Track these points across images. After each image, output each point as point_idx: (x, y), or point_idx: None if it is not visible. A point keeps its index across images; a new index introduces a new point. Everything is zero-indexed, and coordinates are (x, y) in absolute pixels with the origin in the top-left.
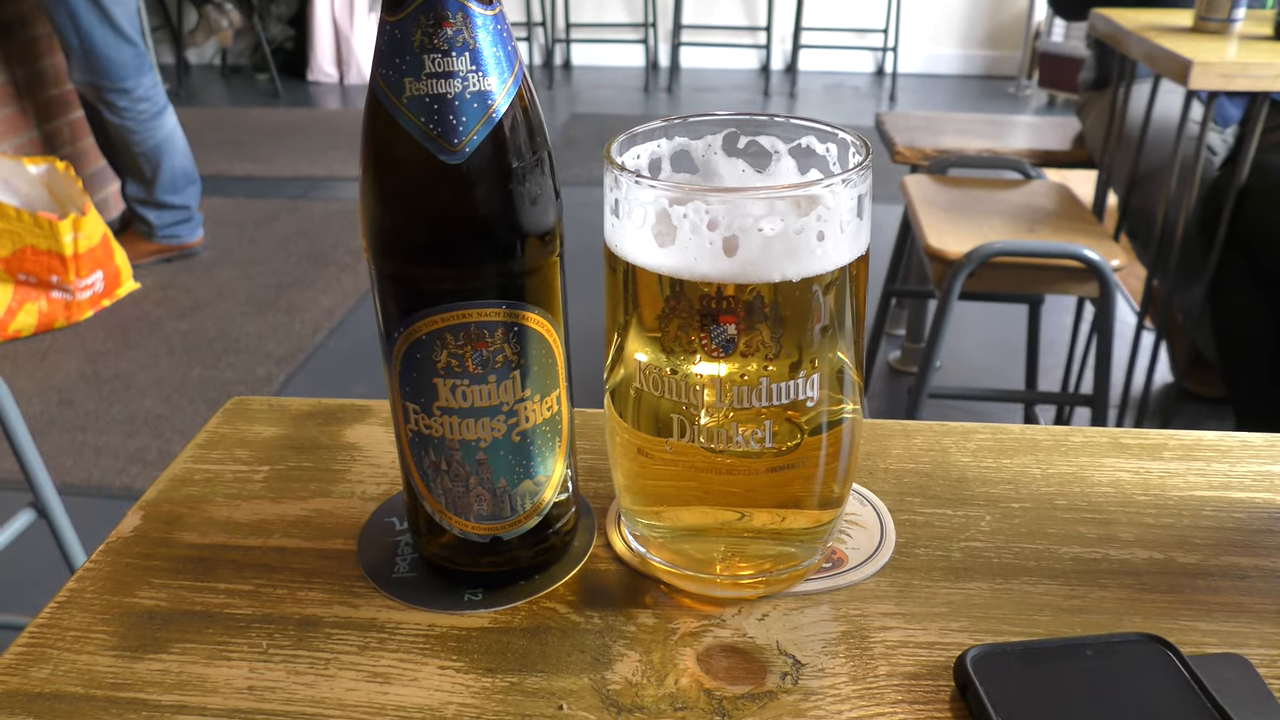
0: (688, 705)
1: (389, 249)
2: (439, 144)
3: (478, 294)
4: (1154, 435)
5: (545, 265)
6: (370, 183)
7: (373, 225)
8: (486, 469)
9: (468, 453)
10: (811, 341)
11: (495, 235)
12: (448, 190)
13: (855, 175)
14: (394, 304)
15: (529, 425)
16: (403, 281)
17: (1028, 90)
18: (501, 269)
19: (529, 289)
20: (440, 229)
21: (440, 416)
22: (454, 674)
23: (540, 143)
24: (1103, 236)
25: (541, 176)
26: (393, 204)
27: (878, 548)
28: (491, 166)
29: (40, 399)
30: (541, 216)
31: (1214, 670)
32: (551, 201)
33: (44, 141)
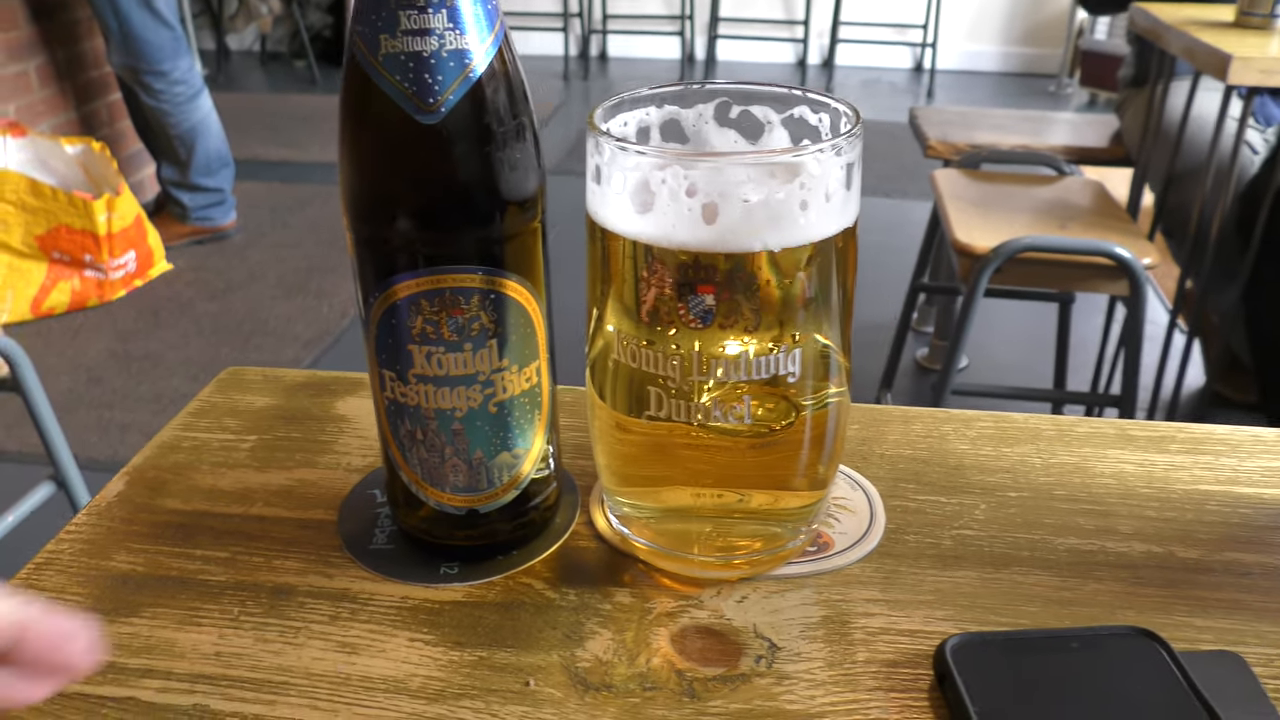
0: (657, 685)
1: (364, 211)
2: (414, 103)
3: (453, 259)
4: (1162, 427)
5: (524, 232)
6: (346, 143)
7: (348, 186)
8: (463, 439)
9: (443, 422)
10: (793, 315)
11: (471, 199)
12: (423, 151)
13: (843, 143)
14: (370, 268)
15: (506, 396)
16: (378, 245)
17: (1069, 89)
18: (478, 234)
19: (507, 256)
20: (415, 191)
21: (416, 384)
22: (423, 646)
23: (521, 107)
24: (1136, 234)
25: (521, 141)
26: (367, 165)
27: (865, 533)
28: (469, 128)
29: (70, 376)
30: (521, 182)
31: (1206, 667)
32: (532, 168)
33: (82, 123)
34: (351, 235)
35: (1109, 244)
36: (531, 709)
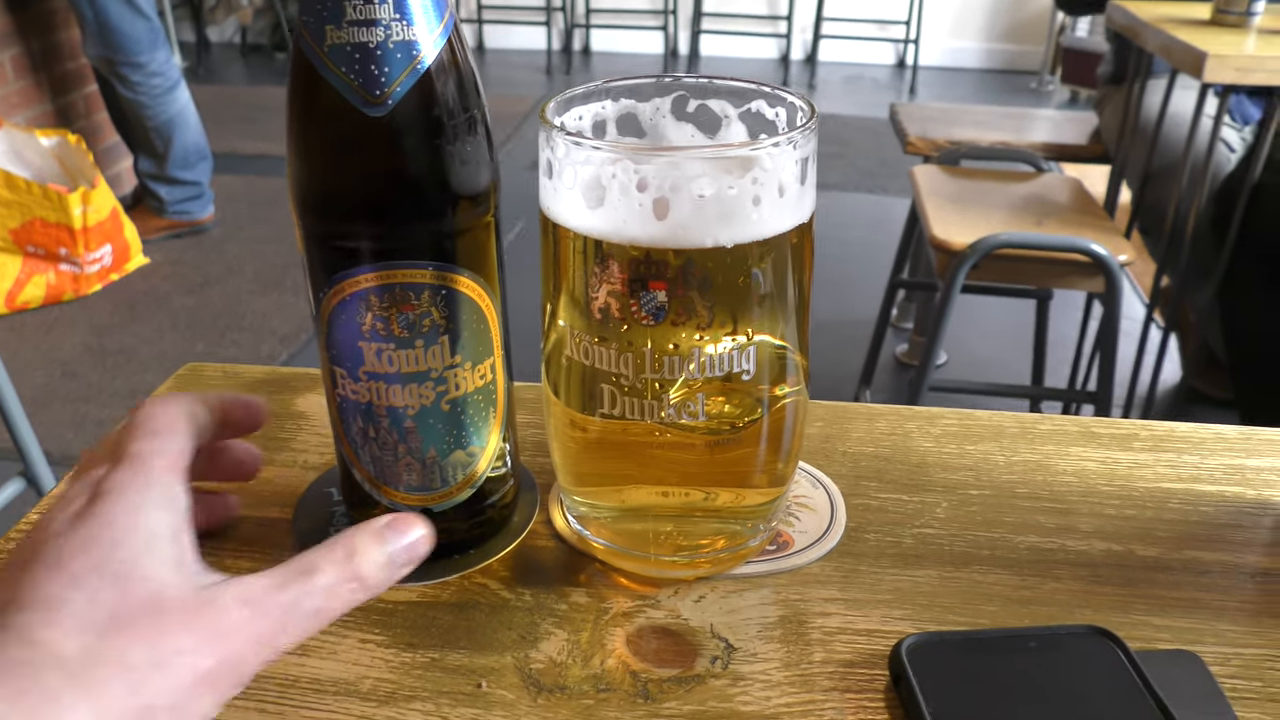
0: (611, 687)
1: (311, 205)
2: (361, 95)
3: (402, 254)
4: (1126, 425)
5: (476, 227)
6: (293, 136)
7: (295, 180)
8: (415, 437)
9: (395, 420)
10: (747, 312)
11: (420, 193)
12: (369, 144)
13: (798, 136)
14: (318, 263)
15: (460, 393)
16: (326, 239)
17: (1050, 86)
18: (427, 229)
19: (458, 251)
20: (362, 185)
21: (367, 381)
22: (374, 648)
23: (472, 99)
24: (1112, 231)
25: (472, 134)
26: (314, 158)
27: (825, 532)
28: (417, 121)
29: (44, 371)
30: (471, 176)
31: (1162, 667)
32: (484, 161)
33: (58, 115)
34: (300, 230)
35: (1085, 240)
36: (483, 711)
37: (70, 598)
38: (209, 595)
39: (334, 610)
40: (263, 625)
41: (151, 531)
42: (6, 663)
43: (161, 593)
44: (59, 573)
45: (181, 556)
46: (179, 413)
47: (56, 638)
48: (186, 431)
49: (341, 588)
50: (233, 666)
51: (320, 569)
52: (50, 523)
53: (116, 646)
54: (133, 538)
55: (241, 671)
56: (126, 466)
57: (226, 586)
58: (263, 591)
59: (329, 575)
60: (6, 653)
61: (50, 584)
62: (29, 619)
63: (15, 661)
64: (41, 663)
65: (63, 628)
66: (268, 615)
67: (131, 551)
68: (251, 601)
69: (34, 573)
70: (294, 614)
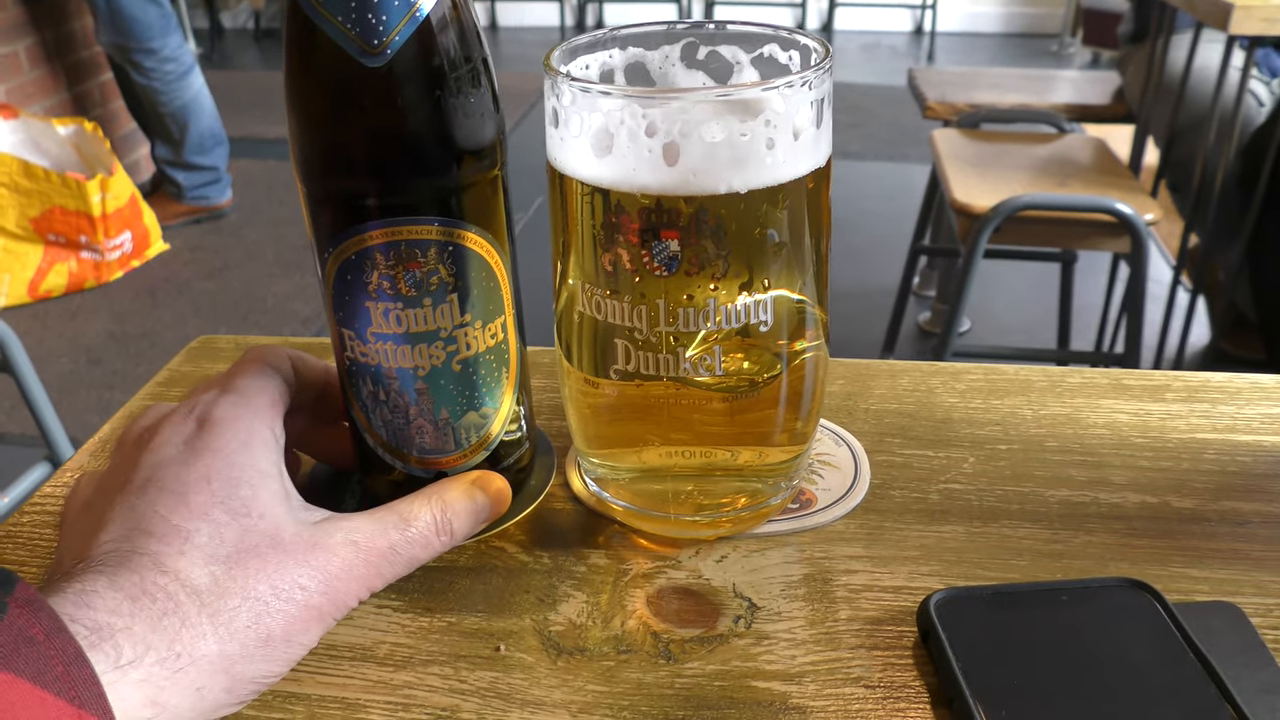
0: (632, 648)
1: (312, 163)
2: (358, 45)
3: (405, 210)
4: (1157, 376)
5: (482, 182)
6: (290, 91)
7: (295, 137)
8: (427, 399)
9: (406, 382)
10: (764, 261)
11: (423, 146)
12: (369, 97)
13: (812, 76)
14: (322, 222)
15: (471, 353)
16: (328, 198)
17: (1071, 48)
18: (431, 183)
19: (465, 206)
20: (363, 139)
21: (375, 343)
22: (391, 613)
23: (474, 49)
24: (1137, 191)
25: (474, 85)
26: (312, 113)
27: (849, 489)
28: (416, 71)
29: (69, 358)
30: (475, 128)
31: (1201, 619)
32: (488, 113)
33: (74, 103)
34: (302, 189)
35: (1110, 200)
36: (502, 674)
37: (196, 529)
38: (320, 534)
39: (422, 559)
40: (365, 568)
41: (261, 468)
42: (150, 587)
43: (278, 529)
44: (183, 505)
45: (287, 491)
46: (282, 355)
47: (186, 567)
48: (288, 373)
49: (434, 538)
50: (338, 603)
51: (417, 518)
52: (162, 445)
53: (240, 579)
54: (249, 474)
55: (343, 608)
56: (234, 397)
57: (334, 527)
58: (366, 536)
59: (424, 524)
60: (148, 577)
61: (175, 515)
62: (161, 548)
63: (157, 587)
64: (178, 591)
65: (191, 558)
66: (369, 559)
67: (249, 488)
68: (357, 544)
69: (155, 500)
70: (391, 559)
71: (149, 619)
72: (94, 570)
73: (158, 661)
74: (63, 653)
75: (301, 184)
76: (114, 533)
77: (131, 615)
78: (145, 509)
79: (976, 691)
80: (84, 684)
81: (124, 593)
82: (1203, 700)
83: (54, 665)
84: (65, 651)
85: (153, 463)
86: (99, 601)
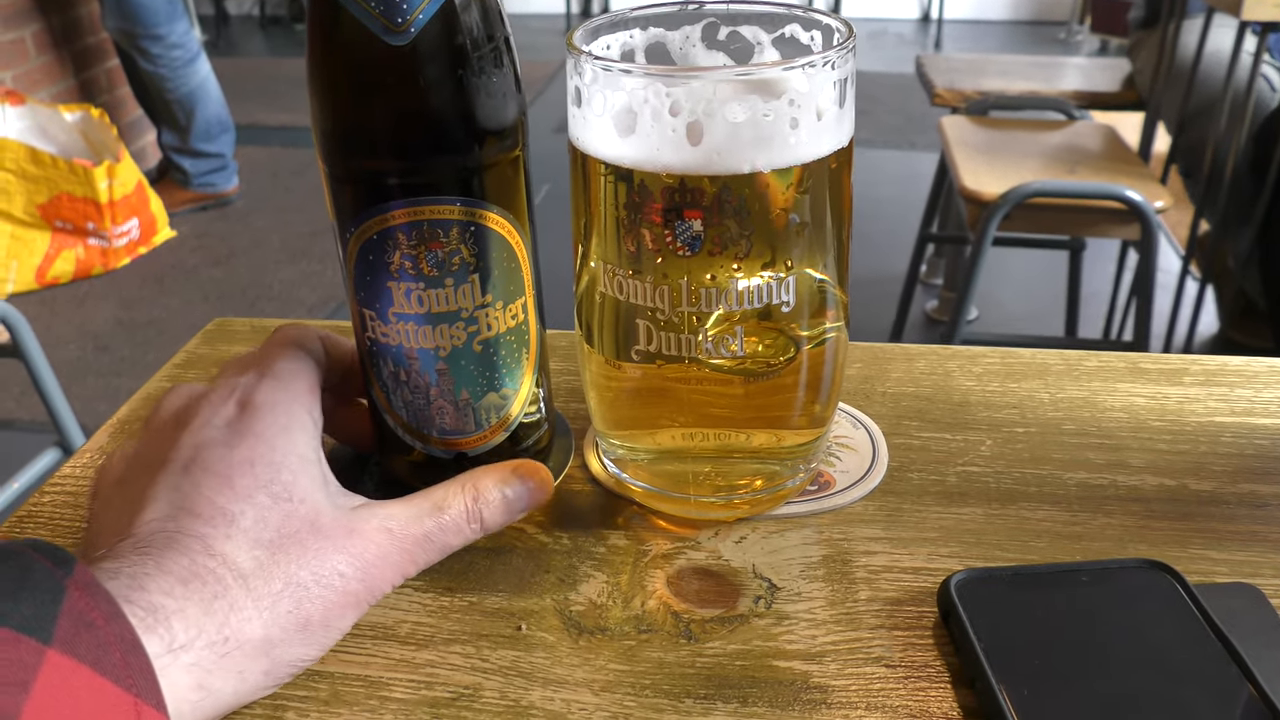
0: (653, 628)
1: (334, 143)
2: (381, 23)
3: (428, 189)
4: (1175, 360)
5: (503, 162)
6: (313, 71)
7: (317, 117)
8: (448, 379)
9: (427, 362)
10: (786, 241)
11: (446, 125)
12: (392, 75)
13: (834, 56)
14: (344, 202)
15: (492, 334)
16: (350, 177)
17: (1079, 35)
18: (453, 163)
19: (487, 186)
20: (386, 118)
21: (396, 323)
22: (412, 593)
23: (497, 28)
24: (1147, 178)
25: (497, 65)
26: (335, 92)
27: (868, 471)
28: (440, 50)
29: (77, 344)
30: (498, 108)
31: (1221, 599)
32: (511, 93)
33: (81, 90)
34: (324, 168)
35: (1119, 187)
36: (524, 653)
37: (241, 512)
38: (357, 521)
39: (454, 546)
40: (400, 554)
41: (302, 453)
42: (199, 570)
43: (318, 514)
44: (228, 488)
45: (325, 476)
46: (313, 336)
47: (233, 551)
48: (320, 354)
49: (465, 526)
50: (373, 589)
51: (450, 506)
52: (204, 426)
53: (283, 564)
54: (290, 459)
55: (378, 593)
56: (273, 382)
57: (370, 514)
58: (400, 524)
59: (456, 512)
60: (197, 560)
61: (220, 496)
62: (209, 530)
63: (206, 570)
64: (225, 574)
65: (236, 543)
66: (404, 546)
67: (290, 473)
68: (392, 532)
69: (200, 482)
70: (425, 546)
71: (201, 602)
72: (140, 551)
73: (207, 645)
74: (121, 639)
75: (324, 164)
76: (158, 512)
77: (184, 598)
78: (190, 489)
79: (999, 671)
80: (140, 673)
81: (174, 576)
82: (1224, 679)
83: (113, 652)
84: (123, 638)
85: (195, 444)
86: (152, 584)
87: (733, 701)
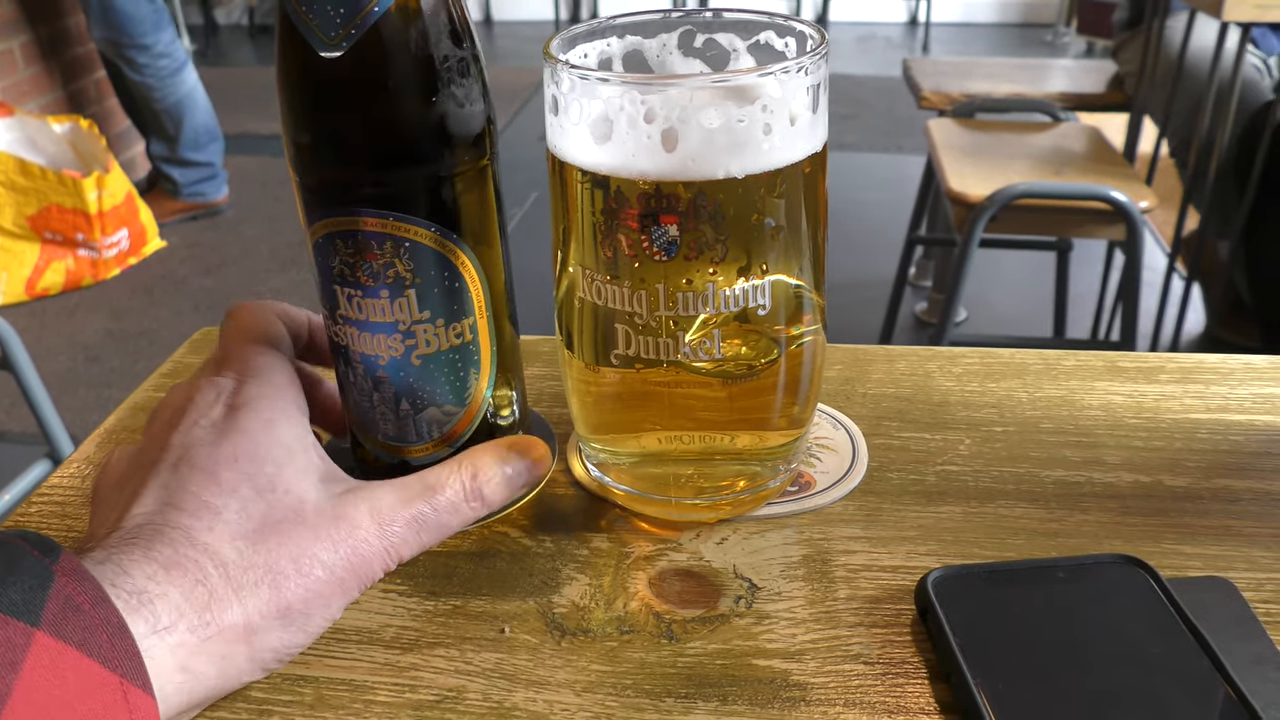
0: (635, 629)
1: (287, 143)
2: (317, 37)
3: (363, 201)
4: (1152, 358)
5: (450, 181)
6: (277, 74)
7: (281, 117)
8: (387, 388)
9: (369, 367)
10: (762, 245)
11: (372, 142)
12: (325, 89)
13: (808, 62)
14: (301, 200)
15: (431, 350)
16: (300, 179)
17: (1066, 38)
18: (385, 179)
19: (428, 205)
20: (320, 131)
21: (343, 325)
22: (396, 597)
23: (444, 46)
24: (1132, 178)
25: (437, 81)
26: (283, 99)
27: (847, 471)
28: (373, 66)
29: (67, 355)
30: (433, 128)
31: (1194, 593)
32: (455, 112)
33: (69, 101)
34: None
35: (1104, 188)
36: (507, 655)
37: (225, 505)
38: (344, 506)
39: (454, 526)
40: (390, 539)
41: (287, 445)
42: (182, 559)
43: (302, 504)
44: (214, 483)
45: (311, 464)
46: (274, 320)
47: (215, 542)
48: (285, 338)
49: (463, 505)
50: (361, 574)
51: (445, 486)
52: (192, 426)
53: (264, 553)
54: (274, 452)
55: (368, 578)
56: (255, 379)
57: (358, 499)
58: (390, 507)
59: (452, 492)
60: (180, 549)
61: (205, 491)
62: (193, 523)
63: (188, 559)
64: (206, 563)
65: (219, 534)
66: (394, 530)
67: (274, 465)
68: (381, 516)
69: (187, 478)
70: (418, 529)
71: (182, 587)
72: (128, 541)
73: (189, 629)
74: (107, 622)
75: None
76: (146, 506)
77: (167, 582)
78: (177, 486)
79: (974, 666)
80: (126, 655)
81: (158, 562)
82: (1196, 672)
83: (99, 634)
84: (109, 621)
85: (183, 443)
86: (137, 570)
87: (713, 700)
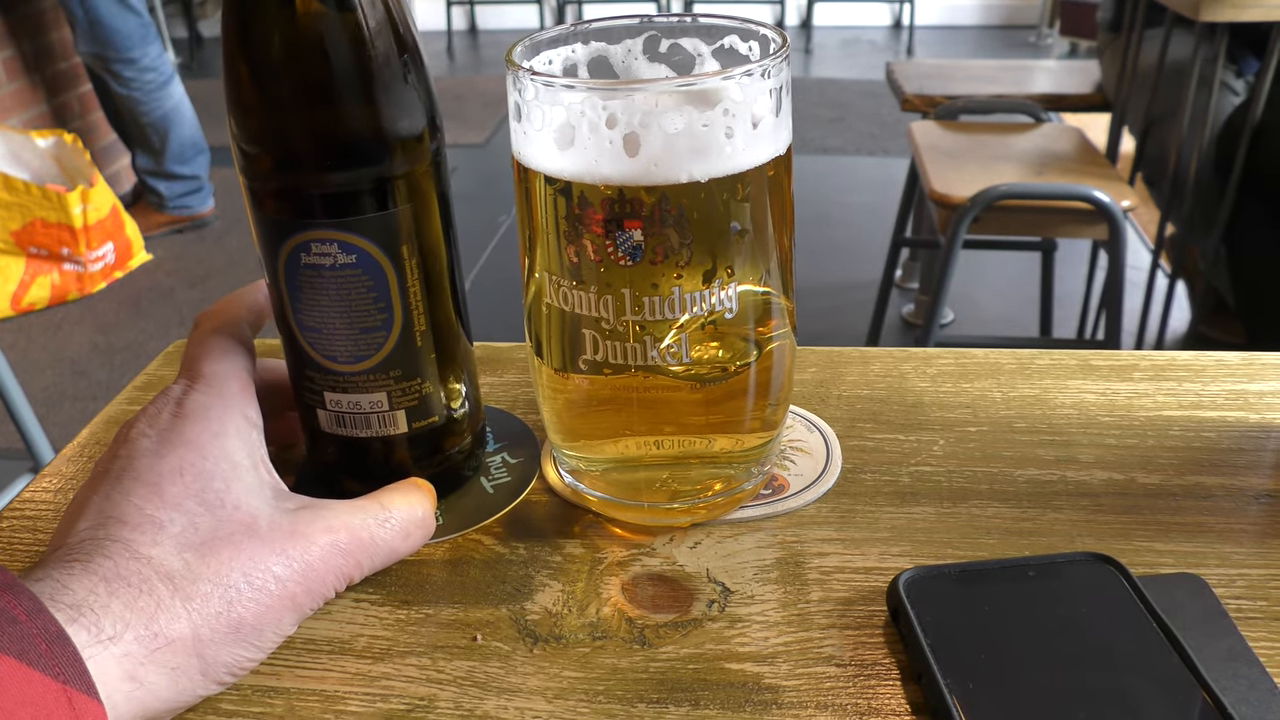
0: (607, 634)
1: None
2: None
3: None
4: (1125, 356)
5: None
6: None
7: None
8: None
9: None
10: (726, 249)
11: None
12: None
13: (769, 64)
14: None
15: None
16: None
17: (1049, 39)
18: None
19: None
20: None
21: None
22: (368, 606)
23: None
24: (1114, 178)
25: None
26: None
27: (821, 473)
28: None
29: (53, 370)
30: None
31: (1165, 590)
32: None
33: (54, 115)
34: None
35: (1086, 188)
36: (479, 663)
37: (170, 519)
38: (299, 523)
39: (403, 551)
40: (344, 558)
41: (235, 459)
42: (124, 572)
43: (254, 519)
44: (157, 497)
45: (262, 480)
46: (239, 321)
47: (160, 555)
48: (250, 339)
49: (414, 530)
50: (314, 592)
51: (396, 509)
52: (139, 436)
53: (213, 564)
54: (222, 466)
55: (320, 597)
56: (204, 387)
57: (314, 516)
58: (346, 526)
59: (402, 517)
60: (121, 563)
61: (149, 505)
62: (135, 536)
63: (130, 571)
64: (151, 575)
65: (164, 547)
66: (349, 549)
67: (222, 481)
68: (336, 534)
69: (130, 491)
70: (371, 550)
71: (125, 599)
72: (69, 558)
73: (136, 639)
74: (45, 631)
75: None
76: (88, 521)
77: (109, 595)
78: (120, 499)
79: (944, 666)
80: (67, 661)
81: (99, 576)
82: (1166, 669)
83: (37, 643)
84: (48, 630)
85: (127, 455)
86: (77, 584)
87: (685, 705)
